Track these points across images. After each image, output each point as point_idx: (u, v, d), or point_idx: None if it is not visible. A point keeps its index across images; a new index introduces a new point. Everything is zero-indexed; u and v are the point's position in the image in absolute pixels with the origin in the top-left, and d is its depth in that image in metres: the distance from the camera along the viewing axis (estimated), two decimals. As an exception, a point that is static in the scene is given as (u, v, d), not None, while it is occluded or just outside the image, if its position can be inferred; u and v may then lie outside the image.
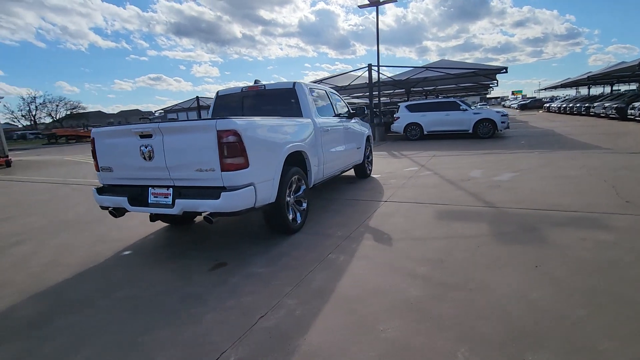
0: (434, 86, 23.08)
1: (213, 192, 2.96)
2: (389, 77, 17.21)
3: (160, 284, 2.88)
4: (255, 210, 3.29)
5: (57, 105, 60.00)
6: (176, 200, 3.08)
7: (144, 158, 3.17)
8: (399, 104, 15.87)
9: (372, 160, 7.26)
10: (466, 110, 13.87)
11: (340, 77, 17.43)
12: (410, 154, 10.21)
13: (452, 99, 14.91)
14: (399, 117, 15.07)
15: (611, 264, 2.74)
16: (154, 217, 3.48)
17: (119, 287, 2.86)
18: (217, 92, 5.05)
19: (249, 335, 2.09)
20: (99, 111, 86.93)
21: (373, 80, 15.67)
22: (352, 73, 17.31)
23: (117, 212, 3.43)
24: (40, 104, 57.46)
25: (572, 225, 3.62)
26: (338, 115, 5.52)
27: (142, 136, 3.15)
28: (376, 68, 15.52)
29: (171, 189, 3.19)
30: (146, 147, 3.14)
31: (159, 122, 3.28)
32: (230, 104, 4.92)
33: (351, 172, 7.02)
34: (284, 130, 3.67)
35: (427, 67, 16.21)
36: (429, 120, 14.42)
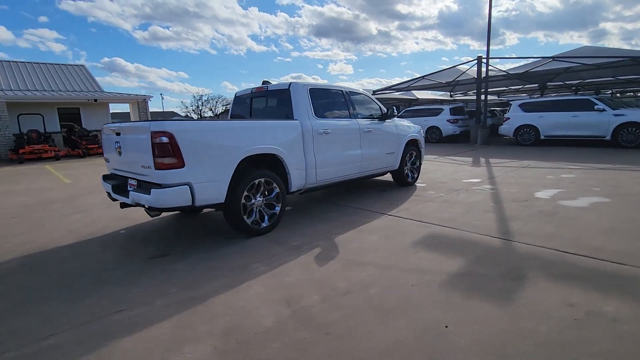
0: (580, 79, 18.71)
1: (149, 188, 3.22)
2: (503, 71, 14.79)
3: (102, 263, 3.30)
4: (197, 208, 3.43)
5: (217, 102, 72.03)
6: (130, 192, 3.46)
7: (117, 153, 3.67)
8: (511, 102, 13.53)
9: (419, 167, 6.48)
10: (603, 110, 10.86)
11: (446, 72, 15.85)
12: (498, 163, 8.68)
13: (584, 97, 11.84)
14: (509, 118, 12.89)
15: (563, 350, 1.86)
16: (122, 205, 3.97)
17: (74, 258, 3.42)
18: (235, 94, 5.33)
19: (74, 329, 2.23)
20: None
21: (483, 75, 13.74)
22: (459, 67, 15.53)
23: (110, 197, 4.05)
24: (205, 100, 70.09)
25: (582, 282, 2.56)
26: (357, 117, 5.13)
27: (117, 134, 3.65)
28: (489, 61, 13.55)
29: (136, 181, 3.60)
30: (117, 144, 3.62)
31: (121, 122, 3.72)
32: (244, 104, 5.15)
33: (388, 177, 6.46)
34: (241, 133, 3.66)
35: (554, 58, 13.27)
36: (549, 123, 11.86)
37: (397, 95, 29.95)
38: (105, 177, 4.22)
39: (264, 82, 4.87)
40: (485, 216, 4.29)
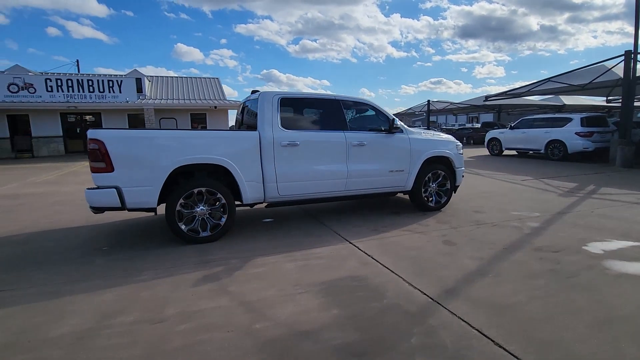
0: None
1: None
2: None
3: (63, 247, 3.87)
4: (129, 210, 3.68)
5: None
6: (89, 190, 3.95)
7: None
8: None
9: (450, 190, 5.34)
10: None
11: (580, 72, 12.50)
12: (606, 194, 6.48)
13: None
14: (665, 133, 9.36)
15: None
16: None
17: (56, 240, 4.10)
18: (242, 101, 5.46)
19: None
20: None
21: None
22: (604, 64, 12.03)
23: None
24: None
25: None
26: (347, 128, 4.58)
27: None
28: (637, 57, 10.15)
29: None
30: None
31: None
32: (240, 113, 5.24)
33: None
34: (174, 142, 3.71)
35: None
36: None
37: (537, 101, 25.45)
38: None
39: (254, 92, 4.85)
40: (463, 264, 3.25)
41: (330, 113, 4.60)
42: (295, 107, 4.44)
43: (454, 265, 3.24)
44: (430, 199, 5.25)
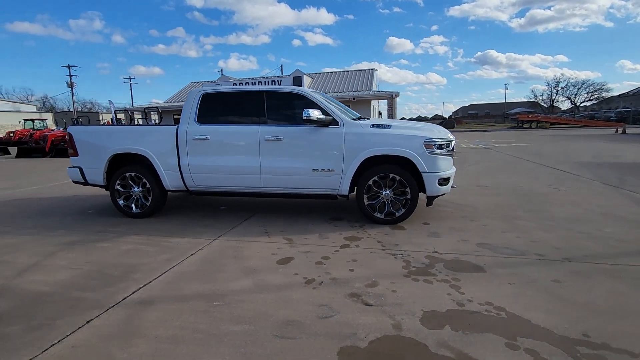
0: None
1: (77, 167, 5.08)
2: None
3: (67, 205, 5.57)
4: (90, 185, 4.92)
5: (579, 89, 57.81)
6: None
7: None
8: None
9: (411, 200, 4.06)
10: None
11: None
12: None
13: None
14: None
15: None
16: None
17: (72, 201, 5.89)
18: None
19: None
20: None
21: None
22: None
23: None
24: (562, 87, 58.06)
25: None
26: (266, 122, 4.30)
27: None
28: None
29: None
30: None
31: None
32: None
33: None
34: (109, 135, 4.63)
35: None
36: None
37: None
38: None
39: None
40: (226, 286, 2.74)
41: (250, 107, 4.43)
42: (216, 102, 4.53)
43: (219, 282, 2.77)
44: (382, 209, 4.18)
